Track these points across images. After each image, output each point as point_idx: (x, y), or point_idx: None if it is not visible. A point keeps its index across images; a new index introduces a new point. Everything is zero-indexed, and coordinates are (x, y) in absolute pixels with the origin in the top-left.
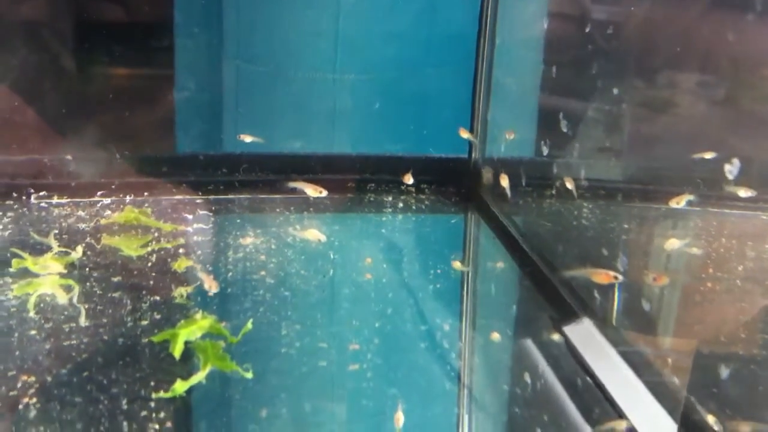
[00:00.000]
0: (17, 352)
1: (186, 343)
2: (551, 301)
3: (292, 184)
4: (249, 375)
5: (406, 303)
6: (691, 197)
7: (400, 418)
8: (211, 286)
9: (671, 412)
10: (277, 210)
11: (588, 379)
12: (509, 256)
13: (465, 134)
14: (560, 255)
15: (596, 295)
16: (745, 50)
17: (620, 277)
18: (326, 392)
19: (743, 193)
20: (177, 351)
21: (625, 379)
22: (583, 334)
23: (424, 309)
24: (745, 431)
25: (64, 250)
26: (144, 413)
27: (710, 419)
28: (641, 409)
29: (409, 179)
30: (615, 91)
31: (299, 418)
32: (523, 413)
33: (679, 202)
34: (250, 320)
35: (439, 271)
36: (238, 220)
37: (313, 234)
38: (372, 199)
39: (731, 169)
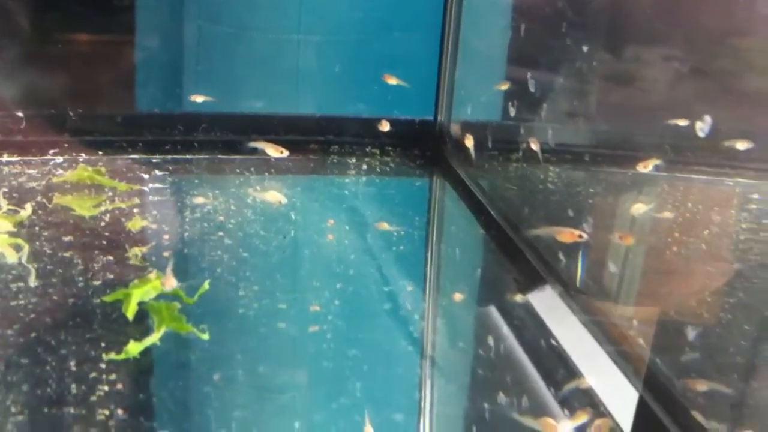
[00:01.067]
0: None
1: (140, 304)
2: (516, 263)
3: (253, 144)
4: (205, 336)
5: (369, 265)
6: (658, 162)
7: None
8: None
9: (633, 374)
10: (237, 171)
11: (551, 341)
12: (474, 219)
13: (392, 80)
14: (526, 218)
15: (561, 257)
16: (715, 18)
17: (584, 236)
18: (285, 354)
19: (740, 145)
20: (130, 311)
21: (587, 341)
22: (547, 297)
23: (387, 271)
24: (700, 389)
25: (13, 208)
26: (94, 375)
27: (675, 381)
28: (602, 371)
29: (385, 126)
30: (583, 55)
31: (257, 380)
32: (485, 375)
33: (647, 167)
34: (207, 281)
35: (402, 233)
36: (196, 181)
37: (274, 196)
38: (335, 161)
39: (703, 127)
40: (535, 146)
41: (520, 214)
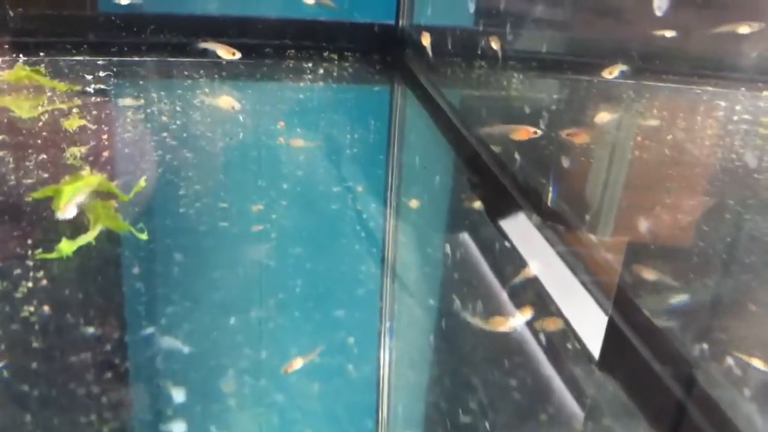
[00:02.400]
0: None
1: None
2: (473, 168)
3: (203, 45)
4: (143, 236)
5: (321, 167)
6: (624, 68)
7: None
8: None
9: (582, 271)
10: (186, 74)
11: (505, 243)
12: (434, 125)
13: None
14: (486, 124)
15: (517, 157)
16: None
17: (539, 132)
18: (226, 252)
19: (743, 29)
20: (60, 209)
21: (540, 243)
22: (501, 200)
23: (339, 173)
24: (649, 277)
25: None
26: (18, 271)
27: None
28: (551, 267)
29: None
30: None
31: (195, 278)
32: (439, 276)
33: (612, 72)
34: (143, 177)
35: (356, 136)
36: (141, 83)
37: (226, 101)
38: (291, 65)
39: (659, 5)
40: (495, 45)
41: (480, 120)
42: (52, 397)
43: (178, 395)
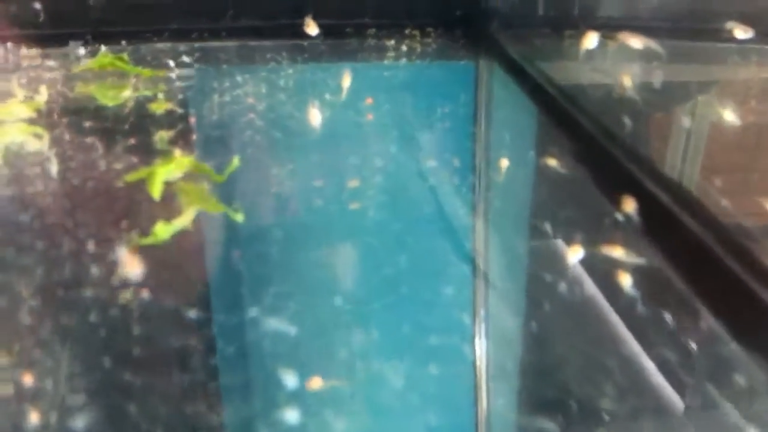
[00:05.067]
0: None
1: (167, 184)
2: (575, 140)
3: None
4: (239, 217)
5: (411, 142)
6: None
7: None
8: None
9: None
10: (268, 56)
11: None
12: (528, 99)
13: None
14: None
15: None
16: None
17: None
18: (325, 232)
19: None
20: (155, 191)
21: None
22: (608, 170)
23: (431, 147)
24: None
25: (30, 95)
26: (116, 257)
27: None
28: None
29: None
30: None
31: (296, 259)
32: (539, 249)
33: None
34: (236, 157)
35: (446, 111)
36: (225, 66)
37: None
38: (373, 44)
39: None
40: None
41: (586, 97)
42: (155, 385)
43: (286, 377)
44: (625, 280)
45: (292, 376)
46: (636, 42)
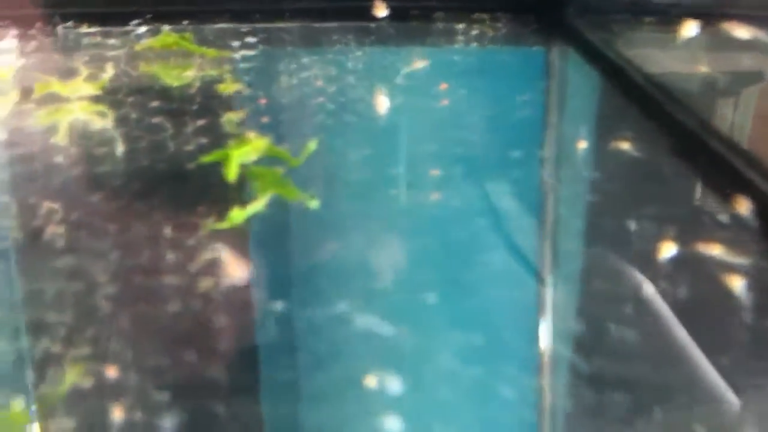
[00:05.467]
0: (42, 179)
1: (241, 167)
2: (669, 132)
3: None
4: (314, 203)
5: (489, 131)
6: None
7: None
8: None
9: None
10: (334, 38)
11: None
12: (611, 87)
13: None
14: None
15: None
16: None
17: None
18: (405, 218)
19: None
20: (231, 174)
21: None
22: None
23: (509, 135)
24: None
25: (93, 73)
26: (192, 242)
27: None
28: None
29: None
30: None
31: (372, 249)
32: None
33: None
34: (312, 142)
35: (525, 98)
36: (290, 48)
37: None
38: (441, 27)
39: None
40: None
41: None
42: (244, 384)
43: (376, 375)
44: (728, 281)
45: (382, 372)
46: (742, 31)
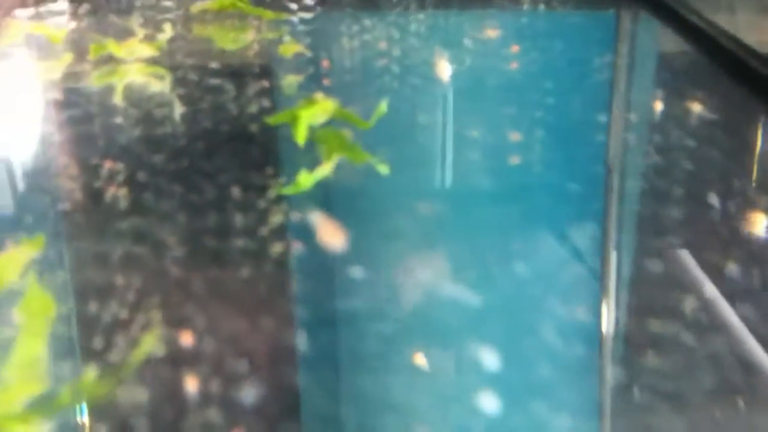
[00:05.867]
0: (102, 140)
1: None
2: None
3: None
4: (384, 168)
5: (565, 96)
6: None
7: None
8: None
9: None
10: (393, 0)
11: None
12: (697, 54)
13: None
14: None
15: None
16: None
17: None
18: (483, 187)
19: None
20: (300, 136)
21: None
22: None
23: (581, 99)
24: None
25: (150, 33)
26: (263, 204)
27: None
28: None
29: None
30: None
31: (446, 213)
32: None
33: None
34: (384, 102)
35: (605, 60)
36: (349, 9)
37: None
38: None
39: None
40: None
41: None
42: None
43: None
44: None
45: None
46: None
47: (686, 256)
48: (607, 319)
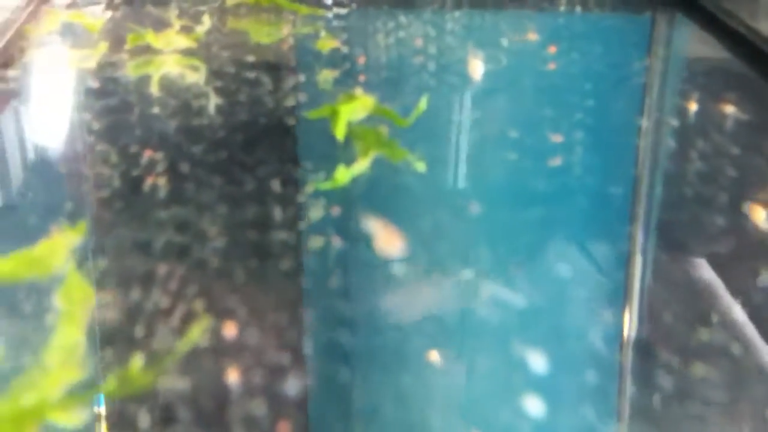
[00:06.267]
0: (139, 129)
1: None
2: None
3: None
4: (421, 166)
5: (605, 98)
6: None
7: None
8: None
9: None
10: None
11: None
12: (736, 60)
13: None
14: None
15: None
16: None
17: None
18: (521, 189)
19: None
20: (339, 131)
21: None
22: None
23: (619, 101)
24: None
25: (187, 25)
26: (300, 197)
27: None
28: None
29: None
30: None
31: (485, 214)
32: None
33: None
34: (424, 99)
35: (636, 65)
36: (385, 7)
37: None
38: None
39: None
40: None
41: None
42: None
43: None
44: None
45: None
46: None
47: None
48: (630, 326)
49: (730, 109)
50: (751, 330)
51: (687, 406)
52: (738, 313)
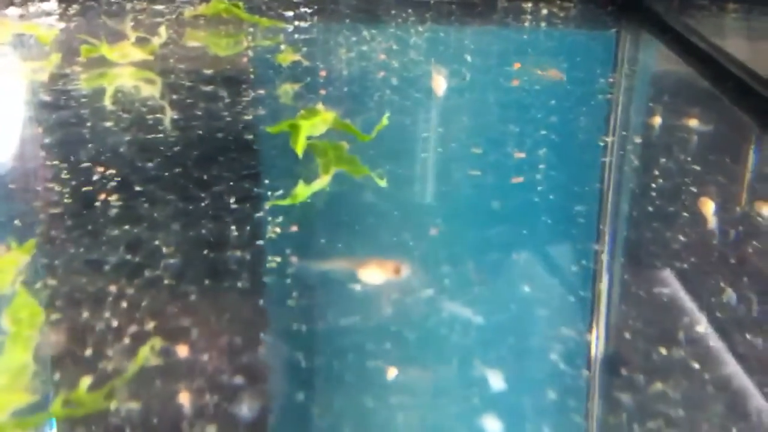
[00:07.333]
0: (92, 144)
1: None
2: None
3: None
4: (382, 182)
5: (569, 114)
6: None
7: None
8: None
9: None
10: (392, 12)
11: None
12: (700, 77)
13: None
14: None
15: None
16: None
17: None
18: (484, 205)
19: None
20: (299, 147)
21: None
22: None
23: (581, 119)
24: None
25: (143, 36)
26: (258, 214)
27: None
28: None
29: None
30: None
31: (447, 236)
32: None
33: None
34: (386, 115)
35: (610, 80)
36: (347, 20)
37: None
38: (506, 6)
39: None
40: None
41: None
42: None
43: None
44: None
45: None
46: None
47: (678, 276)
48: (599, 340)
49: (693, 123)
50: (716, 343)
51: (650, 422)
52: (703, 326)
